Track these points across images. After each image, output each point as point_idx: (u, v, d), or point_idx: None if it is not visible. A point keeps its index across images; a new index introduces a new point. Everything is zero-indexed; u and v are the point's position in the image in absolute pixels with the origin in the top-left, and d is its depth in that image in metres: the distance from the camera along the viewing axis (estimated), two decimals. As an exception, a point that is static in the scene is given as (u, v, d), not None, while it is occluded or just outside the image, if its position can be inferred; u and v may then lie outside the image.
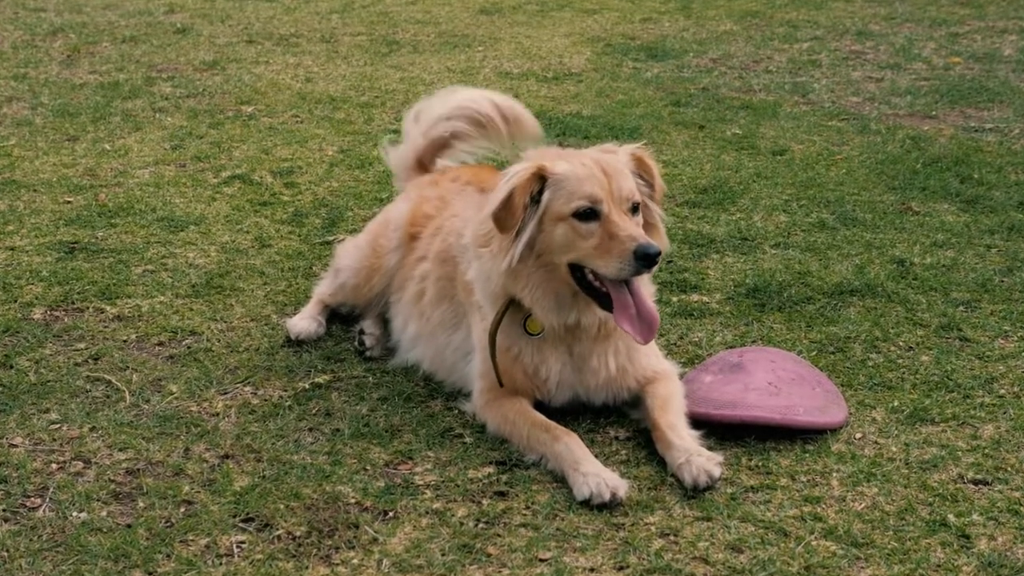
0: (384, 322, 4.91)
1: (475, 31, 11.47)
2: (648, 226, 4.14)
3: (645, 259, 3.83)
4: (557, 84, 9.35)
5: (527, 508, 3.71)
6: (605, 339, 4.16)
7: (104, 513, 3.67)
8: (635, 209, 4.02)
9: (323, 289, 5.09)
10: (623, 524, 3.61)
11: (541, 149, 4.33)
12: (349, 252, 5.06)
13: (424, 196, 4.92)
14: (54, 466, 3.93)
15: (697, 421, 4.08)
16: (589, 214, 3.92)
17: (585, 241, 3.92)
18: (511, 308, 4.12)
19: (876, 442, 4.07)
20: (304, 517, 3.64)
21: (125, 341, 4.85)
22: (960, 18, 12.06)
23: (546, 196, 3.99)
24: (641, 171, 4.15)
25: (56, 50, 10.39)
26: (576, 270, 3.99)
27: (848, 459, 3.96)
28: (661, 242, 4.14)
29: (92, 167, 7.10)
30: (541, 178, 4.00)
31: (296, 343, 4.82)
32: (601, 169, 3.98)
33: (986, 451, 4.00)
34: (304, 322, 4.90)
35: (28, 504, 3.72)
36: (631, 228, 3.90)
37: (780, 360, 4.36)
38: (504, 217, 3.98)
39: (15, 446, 4.05)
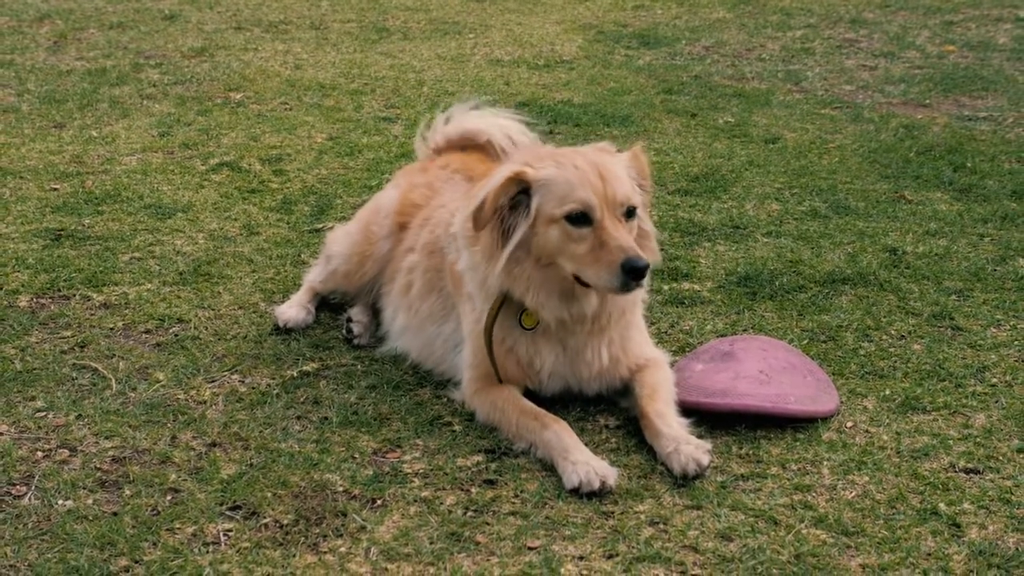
0: (373, 310, 4.91)
1: (466, 18, 11.46)
2: (640, 232, 4.10)
3: (633, 272, 3.78)
4: (548, 71, 9.34)
5: (516, 496, 3.71)
6: (600, 333, 4.15)
7: (90, 501, 3.66)
8: (629, 213, 3.97)
9: (314, 276, 5.08)
10: (612, 512, 3.62)
11: (535, 147, 4.29)
12: (340, 239, 5.06)
13: (413, 183, 4.92)
14: (40, 454, 3.93)
15: (688, 409, 4.08)
16: (581, 218, 3.88)
17: (577, 246, 3.88)
18: (505, 303, 4.11)
19: (867, 431, 4.08)
20: (291, 505, 3.64)
21: (112, 329, 4.84)
22: (955, 6, 12.07)
23: (536, 199, 3.95)
24: (635, 169, 4.11)
25: (43, 36, 10.36)
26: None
27: (839, 448, 3.96)
28: (651, 253, 4.12)
29: (79, 154, 7.08)
30: (519, 182, 3.96)
31: (284, 331, 4.82)
32: (597, 172, 3.92)
33: (978, 440, 4.01)
34: (292, 310, 4.90)
35: (13, 492, 3.71)
36: (622, 238, 3.84)
37: (771, 349, 4.37)
38: (478, 219, 3.99)
39: (0, 434, 4.05)
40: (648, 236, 4.15)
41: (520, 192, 3.98)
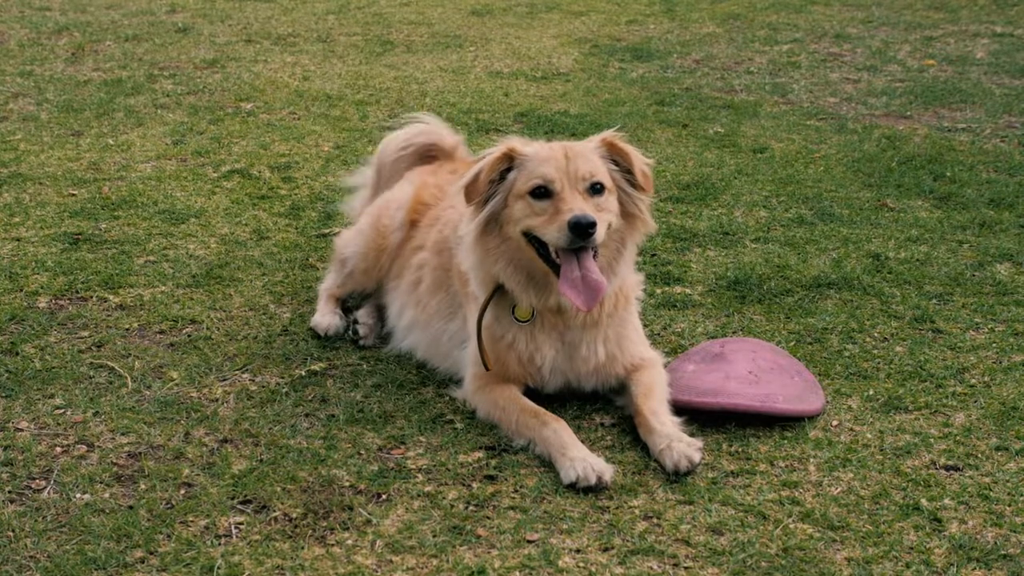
0: (378, 312, 4.90)
1: (467, 32, 11.45)
2: (629, 215, 4.13)
3: (576, 229, 3.84)
4: (546, 83, 9.34)
5: (515, 491, 3.71)
6: (594, 327, 4.16)
7: (107, 495, 3.66)
8: (596, 189, 4.02)
9: (329, 284, 5.06)
10: (608, 507, 3.61)
11: (524, 139, 4.33)
12: (352, 240, 5.04)
13: (425, 182, 4.93)
14: (58, 449, 3.92)
15: (680, 408, 4.08)
16: (543, 192, 3.98)
17: (538, 217, 3.97)
18: (499, 295, 4.13)
19: (852, 429, 4.08)
20: (300, 499, 3.64)
21: (127, 329, 4.84)
22: (934, 22, 12.07)
23: (512, 175, 4.07)
24: (615, 156, 4.14)
25: (61, 48, 10.35)
26: (533, 240, 4.01)
27: (825, 445, 3.96)
28: (646, 227, 4.18)
29: (96, 161, 7.07)
30: (510, 158, 4.08)
31: (325, 337, 4.76)
32: (563, 152, 4.03)
33: (957, 438, 4.01)
34: (327, 318, 4.86)
35: (33, 486, 3.71)
36: (575, 203, 3.92)
37: (760, 350, 4.37)
38: (470, 191, 4.11)
39: (21, 430, 4.04)
40: (635, 217, 4.17)
41: (507, 169, 4.10)
